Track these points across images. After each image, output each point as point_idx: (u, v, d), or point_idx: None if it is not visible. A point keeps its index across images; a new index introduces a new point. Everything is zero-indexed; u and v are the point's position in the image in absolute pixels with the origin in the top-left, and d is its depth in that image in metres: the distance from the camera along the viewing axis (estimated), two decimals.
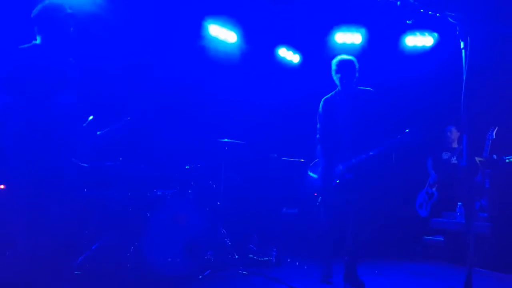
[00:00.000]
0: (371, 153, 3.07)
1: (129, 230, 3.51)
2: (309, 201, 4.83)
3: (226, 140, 4.17)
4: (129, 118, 2.77)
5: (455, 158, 5.01)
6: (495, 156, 4.36)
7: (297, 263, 4.11)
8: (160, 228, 3.47)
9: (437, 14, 1.59)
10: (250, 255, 4.00)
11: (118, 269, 3.23)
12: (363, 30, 5.06)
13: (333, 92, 3.42)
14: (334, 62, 3.34)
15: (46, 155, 2.21)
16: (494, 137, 4.41)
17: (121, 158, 3.78)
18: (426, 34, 4.98)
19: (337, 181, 3.19)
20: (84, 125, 2.51)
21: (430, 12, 1.62)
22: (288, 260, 4.19)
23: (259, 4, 4.55)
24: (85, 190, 3.74)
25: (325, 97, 3.44)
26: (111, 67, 4.01)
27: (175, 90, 4.37)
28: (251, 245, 4.20)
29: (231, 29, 4.85)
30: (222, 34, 4.84)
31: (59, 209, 2.28)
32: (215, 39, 4.81)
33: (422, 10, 1.62)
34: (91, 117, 2.52)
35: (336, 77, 3.34)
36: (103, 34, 3.92)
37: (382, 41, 5.03)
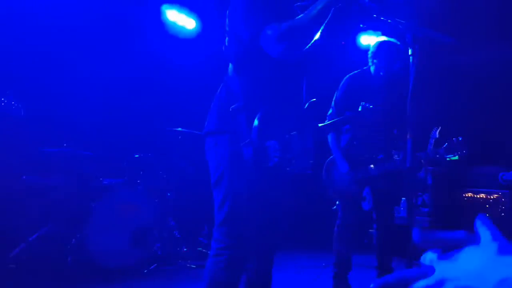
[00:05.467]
0: None
1: (71, 221, 3.35)
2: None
3: (179, 129, 4.05)
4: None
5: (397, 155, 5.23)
6: (437, 155, 4.61)
7: None
8: (106, 219, 3.34)
9: (388, 21, 1.61)
10: (199, 248, 3.96)
11: (57, 262, 3.07)
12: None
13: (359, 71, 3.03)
14: (374, 44, 2.96)
15: None
16: (437, 136, 4.65)
17: (65, 144, 3.59)
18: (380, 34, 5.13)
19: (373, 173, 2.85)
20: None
21: (382, 18, 1.63)
22: None
23: None
24: (24, 177, 3.53)
25: (349, 75, 3.01)
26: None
27: (125, 75, 4.17)
28: (201, 238, 4.16)
29: (189, 16, 4.70)
30: (180, 19, 4.67)
31: None
32: (173, 24, 4.64)
33: (374, 15, 1.63)
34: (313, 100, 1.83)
35: (371, 62, 2.95)
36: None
37: (337, 39, 5.11)
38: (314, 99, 1.83)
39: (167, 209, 3.88)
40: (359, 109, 2.45)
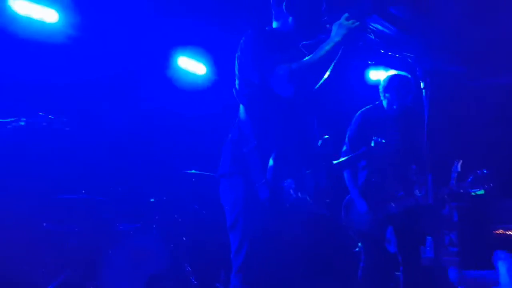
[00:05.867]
0: None
1: (87, 268, 3.30)
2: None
3: (193, 171, 4.03)
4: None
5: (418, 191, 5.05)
6: (461, 189, 4.41)
7: None
8: (121, 265, 3.28)
9: (397, 55, 1.60)
10: None
11: None
12: None
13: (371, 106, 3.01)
14: (385, 79, 2.97)
15: None
16: (460, 169, 4.48)
17: (83, 191, 3.60)
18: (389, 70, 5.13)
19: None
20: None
21: (389, 53, 1.63)
22: None
23: (229, 38, 4.55)
24: (44, 224, 3.53)
25: (362, 110, 2.99)
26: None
27: (139, 120, 4.24)
28: (218, 284, 4.01)
29: (200, 61, 4.82)
30: (191, 66, 4.79)
31: None
32: (184, 71, 4.75)
33: (382, 51, 1.63)
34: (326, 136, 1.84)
35: (383, 97, 2.93)
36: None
37: (347, 74, 5.13)
38: (327, 136, 1.81)
39: (182, 254, 3.79)
40: (372, 144, 2.40)
